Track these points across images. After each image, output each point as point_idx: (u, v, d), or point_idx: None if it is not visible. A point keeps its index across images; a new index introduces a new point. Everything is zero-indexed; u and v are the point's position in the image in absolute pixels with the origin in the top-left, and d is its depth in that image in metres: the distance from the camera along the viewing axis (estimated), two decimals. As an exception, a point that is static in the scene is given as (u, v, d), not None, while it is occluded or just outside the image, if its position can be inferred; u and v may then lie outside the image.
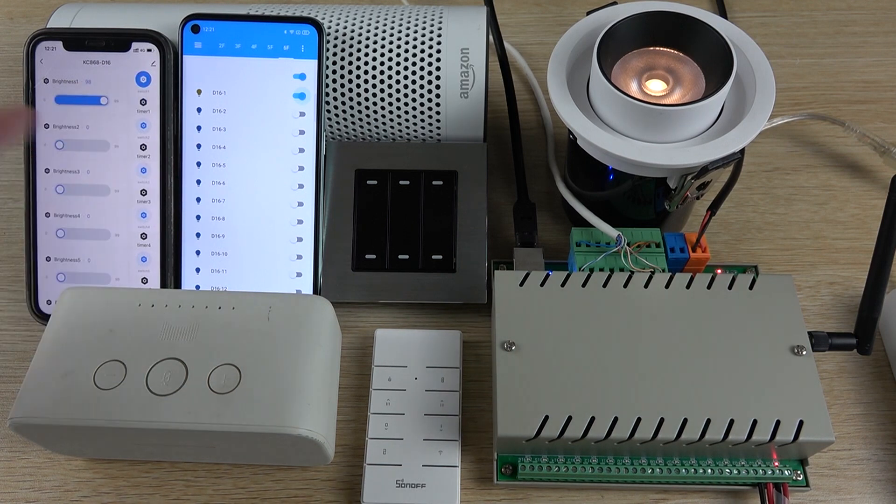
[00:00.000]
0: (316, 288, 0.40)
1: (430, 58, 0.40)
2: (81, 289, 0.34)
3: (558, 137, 0.48)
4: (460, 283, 0.40)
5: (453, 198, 0.41)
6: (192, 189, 0.40)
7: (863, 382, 0.38)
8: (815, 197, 0.45)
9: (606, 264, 0.37)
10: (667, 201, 0.38)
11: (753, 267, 0.41)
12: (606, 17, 0.38)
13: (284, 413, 0.30)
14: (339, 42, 0.41)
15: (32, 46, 0.39)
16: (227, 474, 0.36)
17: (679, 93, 0.36)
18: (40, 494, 0.35)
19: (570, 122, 0.35)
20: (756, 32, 0.50)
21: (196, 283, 0.40)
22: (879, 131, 0.47)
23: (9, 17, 0.56)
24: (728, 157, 0.34)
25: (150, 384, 0.31)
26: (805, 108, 0.49)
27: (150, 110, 0.39)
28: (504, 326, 0.34)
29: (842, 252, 0.43)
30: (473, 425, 0.37)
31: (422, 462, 0.35)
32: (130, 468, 0.36)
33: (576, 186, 0.41)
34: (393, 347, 0.38)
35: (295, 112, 0.40)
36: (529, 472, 0.34)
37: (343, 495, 0.35)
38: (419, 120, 0.41)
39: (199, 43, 0.40)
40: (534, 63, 0.52)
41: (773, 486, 0.33)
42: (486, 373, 0.39)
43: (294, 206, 0.40)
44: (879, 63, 0.52)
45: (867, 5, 0.55)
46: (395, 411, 0.36)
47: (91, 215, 0.40)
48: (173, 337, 0.32)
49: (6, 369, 0.40)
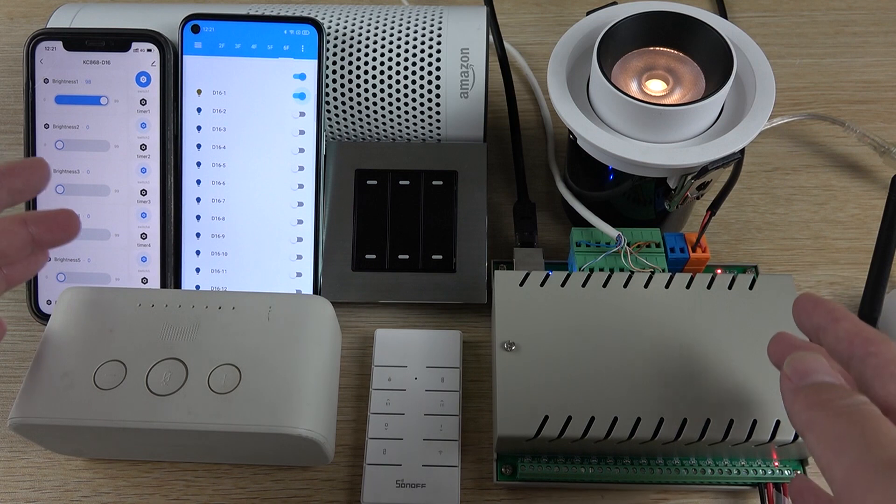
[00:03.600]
0: (316, 288, 0.40)
1: (430, 58, 0.40)
2: (81, 289, 0.34)
3: (558, 137, 0.48)
4: (460, 283, 0.40)
5: (453, 198, 0.41)
6: (192, 189, 0.40)
7: (863, 382, 0.38)
8: (815, 197, 0.45)
9: (606, 264, 0.37)
10: (667, 201, 0.38)
11: (753, 267, 0.41)
12: (606, 17, 0.38)
13: (284, 413, 0.30)
14: (339, 42, 0.41)
15: (32, 46, 0.39)
16: (227, 474, 0.36)
17: (679, 93, 0.36)
18: (40, 494, 0.35)
19: (570, 122, 0.35)
20: (756, 32, 0.50)
21: (196, 283, 0.40)
22: (879, 131, 0.47)
23: (9, 17, 0.56)
24: (728, 157, 0.34)
25: (150, 384, 0.31)
26: (805, 108, 0.49)
27: (150, 110, 0.39)
28: (504, 326, 0.34)
29: (842, 252, 0.43)
30: (473, 425, 0.37)
31: (422, 462, 0.35)
32: (130, 468, 0.36)
33: (576, 186, 0.41)
34: (393, 347, 0.38)
35: (295, 112, 0.40)
36: (529, 472, 0.34)
37: (343, 495, 0.35)
38: (419, 120, 0.41)
39: (199, 43, 0.40)
40: (534, 63, 0.52)
41: (773, 486, 0.33)
42: (486, 373, 0.39)
43: (294, 206, 0.40)
44: (879, 63, 0.52)
45: (867, 5, 0.55)
46: (395, 411, 0.36)
47: (91, 215, 0.40)
48: (173, 337, 0.32)
49: (6, 369, 0.40)
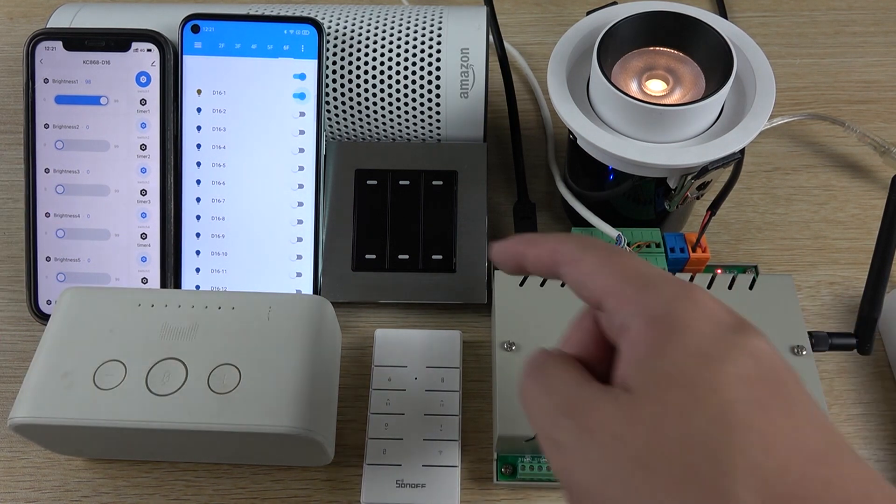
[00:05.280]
0: (316, 288, 0.40)
1: (430, 58, 0.40)
2: (81, 289, 0.34)
3: (558, 137, 0.48)
4: (460, 283, 0.40)
5: (453, 198, 0.41)
6: (191, 189, 0.40)
7: (863, 382, 0.38)
8: (815, 197, 0.45)
9: (606, 264, 0.37)
10: (667, 201, 0.38)
11: (753, 267, 0.41)
12: (606, 17, 0.38)
13: (284, 413, 0.30)
14: (339, 42, 0.41)
15: (32, 46, 0.39)
16: (227, 474, 0.36)
17: (679, 93, 0.36)
18: (40, 494, 0.35)
19: (570, 122, 0.35)
20: (756, 32, 0.50)
21: (196, 283, 0.40)
22: (879, 131, 0.47)
23: (9, 17, 0.56)
24: (728, 157, 0.34)
25: (149, 384, 0.31)
26: (805, 108, 0.49)
27: (150, 110, 0.39)
28: (504, 326, 0.34)
29: (842, 252, 0.43)
30: (473, 425, 0.37)
31: (422, 462, 0.35)
32: (130, 468, 0.36)
33: (576, 186, 0.41)
34: (393, 347, 0.38)
35: (295, 112, 0.40)
36: (529, 472, 0.34)
37: (343, 495, 0.35)
38: (419, 120, 0.41)
39: (199, 43, 0.40)
40: (534, 63, 0.52)
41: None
42: (486, 373, 0.39)
43: (294, 206, 0.40)
44: (879, 63, 0.52)
45: (867, 5, 0.55)
46: (395, 411, 0.36)
47: (91, 215, 0.40)
48: (173, 337, 0.32)
49: (6, 369, 0.40)
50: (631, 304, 0.20)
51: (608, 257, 0.22)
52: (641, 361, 0.19)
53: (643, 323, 0.20)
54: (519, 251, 0.24)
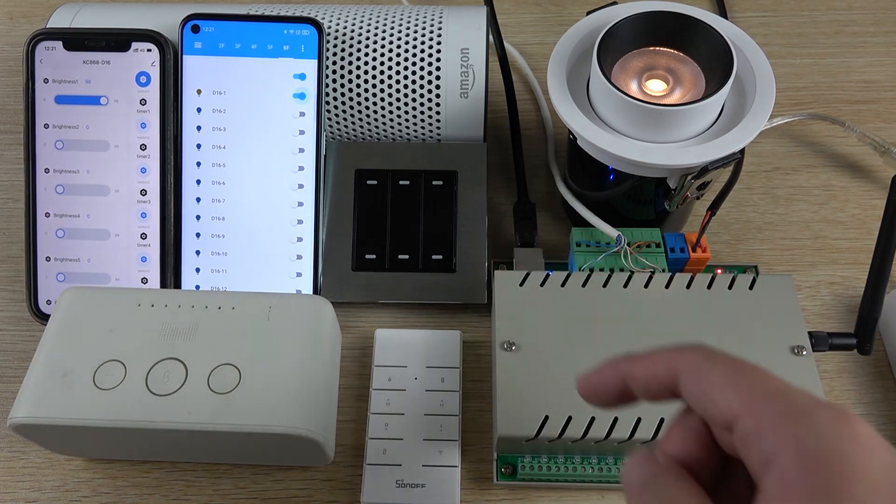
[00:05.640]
0: (316, 288, 0.40)
1: (430, 58, 0.40)
2: (81, 289, 0.34)
3: (558, 137, 0.48)
4: (460, 283, 0.40)
5: (453, 198, 0.41)
6: (191, 189, 0.40)
7: (863, 382, 0.38)
8: (815, 197, 0.45)
9: (606, 264, 0.37)
10: (667, 201, 0.38)
11: (753, 267, 0.41)
12: (606, 17, 0.38)
13: (284, 413, 0.30)
14: (339, 42, 0.41)
15: (32, 46, 0.39)
16: (227, 474, 0.36)
17: (679, 93, 0.36)
18: (40, 494, 0.35)
19: (570, 122, 0.35)
20: (756, 32, 0.50)
21: (196, 283, 0.40)
22: (879, 131, 0.47)
23: (9, 17, 0.56)
24: (728, 157, 0.34)
25: (149, 384, 0.31)
26: (805, 108, 0.49)
27: (150, 110, 0.39)
28: (504, 326, 0.34)
29: (842, 252, 0.43)
30: (473, 425, 0.37)
31: (422, 462, 0.35)
32: (130, 468, 0.36)
33: (576, 186, 0.41)
34: (393, 347, 0.38)
35: (295, 112, 0.40)
36: (529, 472, 0.34)
37: (343, 495, 0.35)
38: (419, 120, 0.41)
39: (199, 43, 0.40)
40: (534, 63, 0.52)
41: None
42: (486, 373, 0.39)
43: (294, 206, 0.40)
44: (879, 63, 0.52)
45: (867, 5, 0.55)
46: (395, 411, 0.36)
47: (91, 215, 0.40)
48: (173, 337, 0.32)
49: (6, 369, 0.40)
50: (777, 433, 0.18)
51: (741, 370, 0.19)
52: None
53: (796, 461, 0.17)
54: (621, 372, 0.22)
